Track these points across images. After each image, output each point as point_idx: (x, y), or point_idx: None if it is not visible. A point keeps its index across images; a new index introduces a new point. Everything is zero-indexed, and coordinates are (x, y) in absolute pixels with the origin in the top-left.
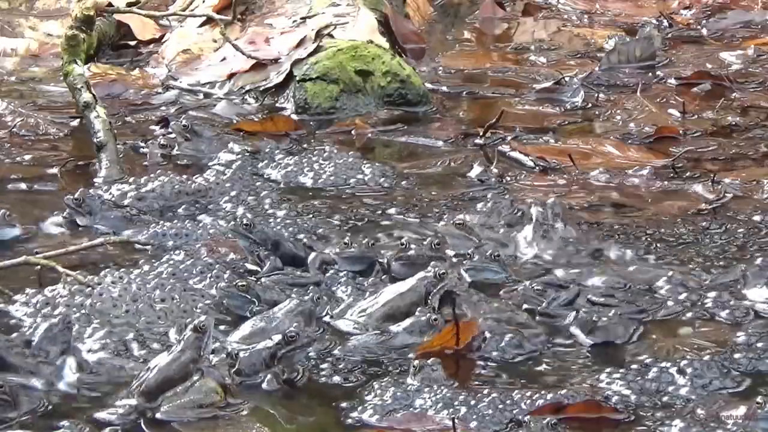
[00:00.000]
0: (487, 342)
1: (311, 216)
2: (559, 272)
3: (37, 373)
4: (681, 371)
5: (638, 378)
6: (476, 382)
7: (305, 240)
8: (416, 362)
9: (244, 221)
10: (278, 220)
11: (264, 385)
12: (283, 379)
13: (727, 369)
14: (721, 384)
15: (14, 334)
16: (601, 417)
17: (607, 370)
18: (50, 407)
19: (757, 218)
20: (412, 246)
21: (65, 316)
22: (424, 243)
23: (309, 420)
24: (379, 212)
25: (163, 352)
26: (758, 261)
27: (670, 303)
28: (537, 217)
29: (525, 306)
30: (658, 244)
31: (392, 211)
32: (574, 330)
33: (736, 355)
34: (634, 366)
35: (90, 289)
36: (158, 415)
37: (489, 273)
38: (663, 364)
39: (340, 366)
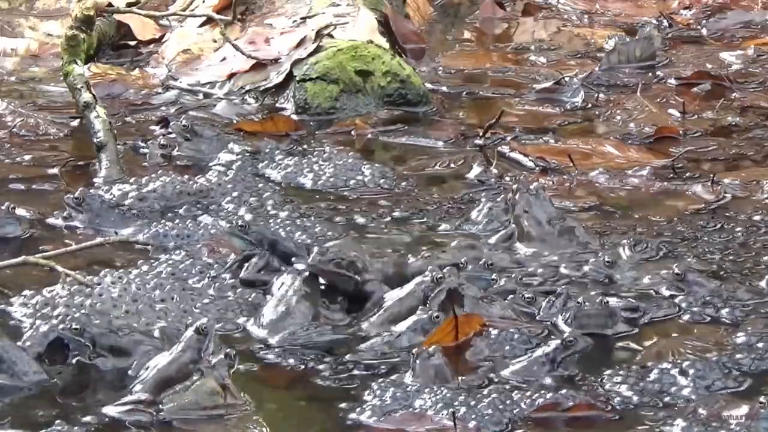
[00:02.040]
0: (491, 340)
1: (313, 218)
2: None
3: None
4: (683, 372)
5: (640, 378)
6: (476, 382)
7: (303, 240)
8: (415, 350)
9: (240, 222)
10: (280, 221)
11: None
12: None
13: (729, 369)
14: (722, 384)
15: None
16: (601, 417)
17: (608, 370)
18: (47, 405)
19: (757, 218)
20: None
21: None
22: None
23: (309, 420)
24: (379, 214)
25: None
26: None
27: (669, 302)
28: (522, 206)
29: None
30: (658, 244)
31: (392, 212)
32: (559, 322)
33: (738, 356)
34: (634, 366)
35: (90, 289)
36: (160, 414)
37: (483, 282)
38: (664, 365)
39: (340, 367)
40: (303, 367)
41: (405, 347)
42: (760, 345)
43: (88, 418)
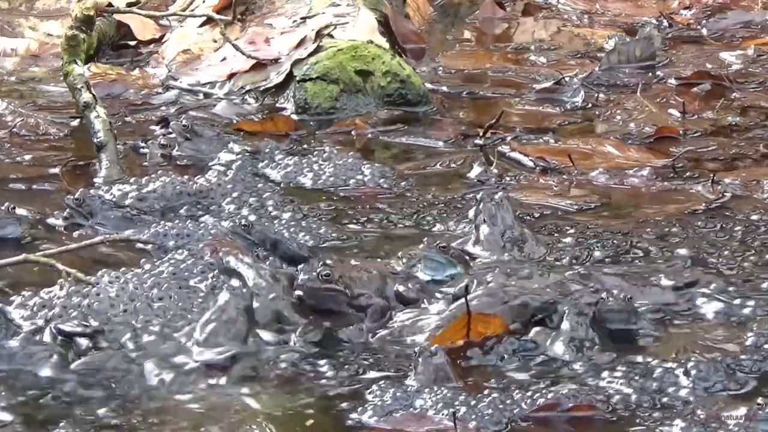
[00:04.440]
0: (503, 343)
1: (313, 218)
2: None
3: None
4: (685, 372)
5: (640, 378)
6: (477, 381)
7: (305, 241)
8: (417, 348)
9: (243, 222)
10: (281, 222)
11: None
12: None
13: (732, 370)
14: (724, 386)
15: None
16: (600, 417)
17: (608, 370)
18: (48, 406)
19: (757, 218)
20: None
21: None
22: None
23: (309, 420)
24: (379, 214)
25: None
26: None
27: (671, 303)
28: (488, 214)
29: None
30: (658, 244)
31: (392, 212)
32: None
33: (742, 357)
34: (635, 366)
35: (88, 288)
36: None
37: (447, 267)
38: (667, 365)
39: (340, 367)
40: (303, 367)
41: (407, 347)
42: (767, 346)
43: (91, 419)
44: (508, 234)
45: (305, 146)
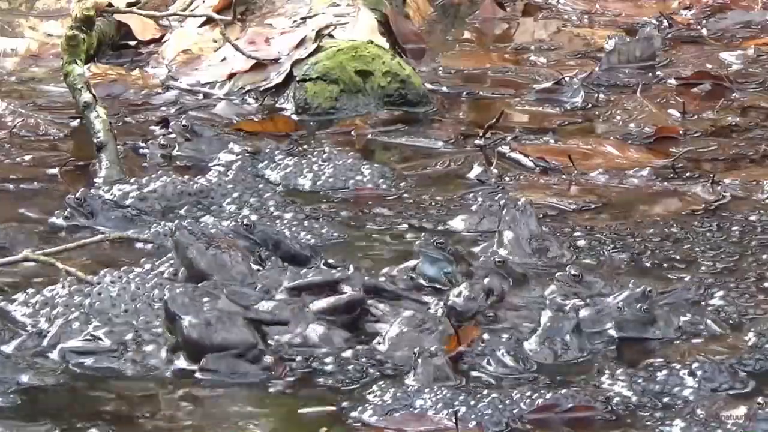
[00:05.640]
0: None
1: (313, 218)
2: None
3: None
4: (690, 373)
5: (640, 379)
6: (476, 382)
7: (306, 240)
8: (416, 349)
9: (245, 222)
10: (283, 221)
11: None
12: None
13: (735, 370)
14: (727, 385)
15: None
16: (600, 418)
17: (609, 371)
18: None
19: (756, 218)
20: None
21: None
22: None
23: (309, 420)
24: (379, 214)
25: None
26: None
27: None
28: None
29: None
30: (658, 245)
31: (392, 212)
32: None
33: (744, 356)
34: (635, 366)
35: (89, 287)
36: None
37: (443, 264)
38: (667, 366)
39: (340, 367)
40: (303, 367)
41: (406, 348)
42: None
43: (74, 419)
44: (534, 240)
45: (305, 146)
